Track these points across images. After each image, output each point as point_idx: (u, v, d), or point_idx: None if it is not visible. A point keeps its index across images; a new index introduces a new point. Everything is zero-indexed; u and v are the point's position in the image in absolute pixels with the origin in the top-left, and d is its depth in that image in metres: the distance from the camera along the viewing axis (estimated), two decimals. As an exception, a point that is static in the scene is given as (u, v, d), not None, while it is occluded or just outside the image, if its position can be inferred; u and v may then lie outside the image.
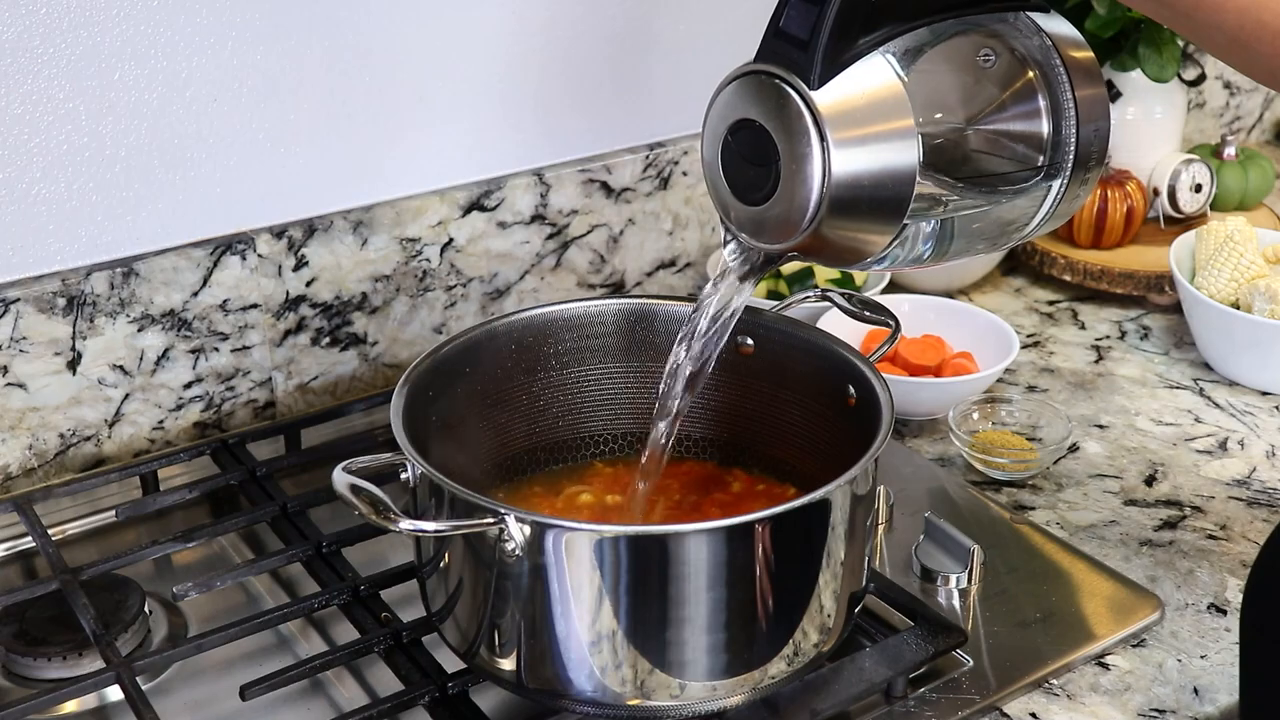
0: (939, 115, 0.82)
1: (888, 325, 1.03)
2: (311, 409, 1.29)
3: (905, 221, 0.82)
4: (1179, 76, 1.57)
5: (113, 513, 1.15)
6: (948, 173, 0.83)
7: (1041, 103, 0.85)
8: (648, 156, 1.42)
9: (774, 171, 0.82)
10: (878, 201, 0.81)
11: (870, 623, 1.02)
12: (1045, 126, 0.85)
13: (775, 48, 0.80)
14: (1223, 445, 1.27)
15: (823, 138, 0.79)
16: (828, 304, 1.07)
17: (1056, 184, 0.87)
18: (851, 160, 0.80)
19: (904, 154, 0.80)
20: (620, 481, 1.06)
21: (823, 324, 1.24)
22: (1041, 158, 0.86)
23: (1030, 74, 0.85)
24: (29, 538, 1.12)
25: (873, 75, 0.80)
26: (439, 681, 0.95)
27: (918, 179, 0.81)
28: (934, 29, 0.82)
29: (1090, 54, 0.87)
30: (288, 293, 1.26)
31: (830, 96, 0.79)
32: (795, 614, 0.88)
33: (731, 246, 0.90)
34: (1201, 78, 1.61)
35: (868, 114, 0.80)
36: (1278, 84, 0.81)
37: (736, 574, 0.84)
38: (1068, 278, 1.53)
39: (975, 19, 0.84)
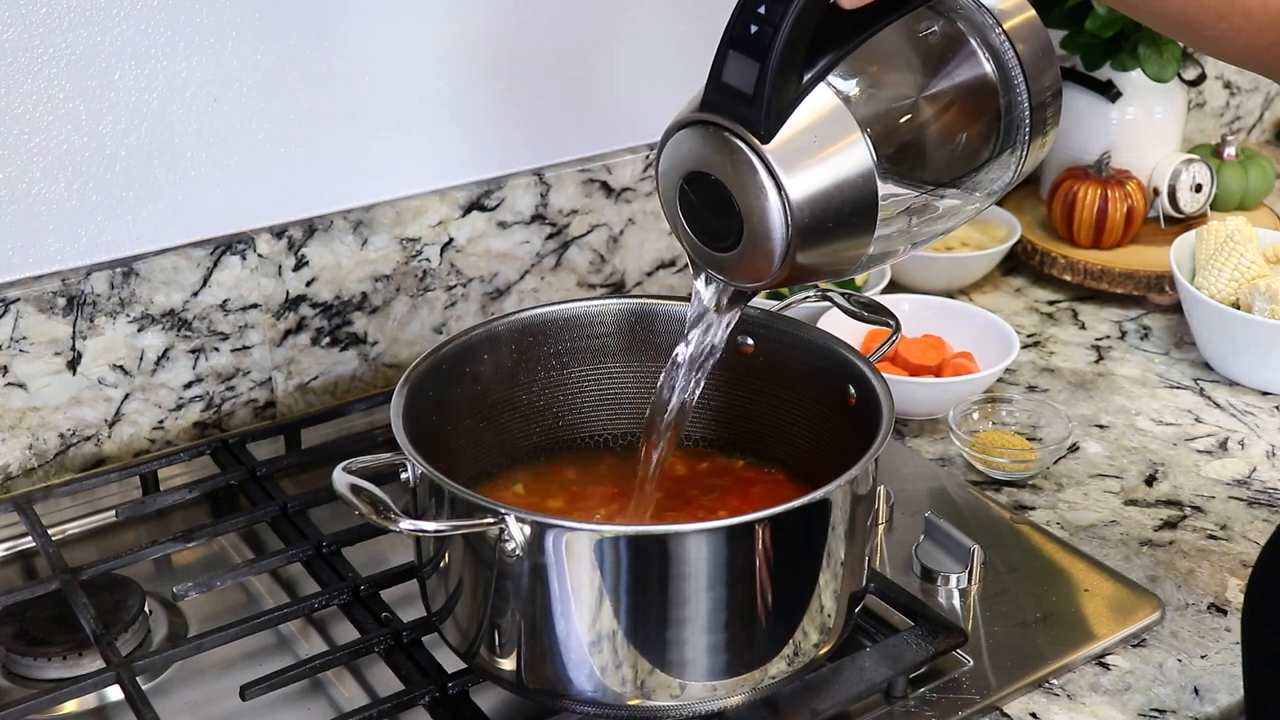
0: (889, 112, 0.82)
1: (888, 325, 1.03)
2: (311, 409, 1.29)
3: (880, 227, 0.82)
4: (1179, 76, 1.57)
5: (113, 513, 1.15)
6: (913, 164, 0.83)
7: (988, 70, 0.85)
8: (648, 156, 1.41)
9: (737, 223, 0.82)
10: (847, 221, 0.81)
11: (870, 623, 1.02)
12: (996, 92, 0.85)
13: (720, 99, 0.80)
14: (1223, 445, 1.27)
15: (780, 188, 0.79)
16: (828, 304, 1.07)
17: (1019, 147, 0.87)
18: (809, 192, 0.79)
19: (857, 165, 0.80)
20: (620, 481, 1.06)
21: (823, 324, 1.24)
22: (999, 125, 0.85)
23: (972, 47, 0.84)
24: (29, 538, 1.12)
25: (815, 104, 0.80)
26: (439, 681, 0.95)
27: (879, 183, 0.81)
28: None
29: (1029, 13, 0.86)
30: (288, 293, 1.26)
31: (779, 141, 0.79)
32: (795, 614, 0.88)
33: (706, 283, 0.90)
34: (1202, 77, 1.61)
35: (817, 144, 0.79)
36: (1227, 59, 0.82)
37: (737, 574, 0.84)
38: (1068, 278, 1.53)
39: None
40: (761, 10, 0.77)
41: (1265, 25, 0.80)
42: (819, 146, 0.79)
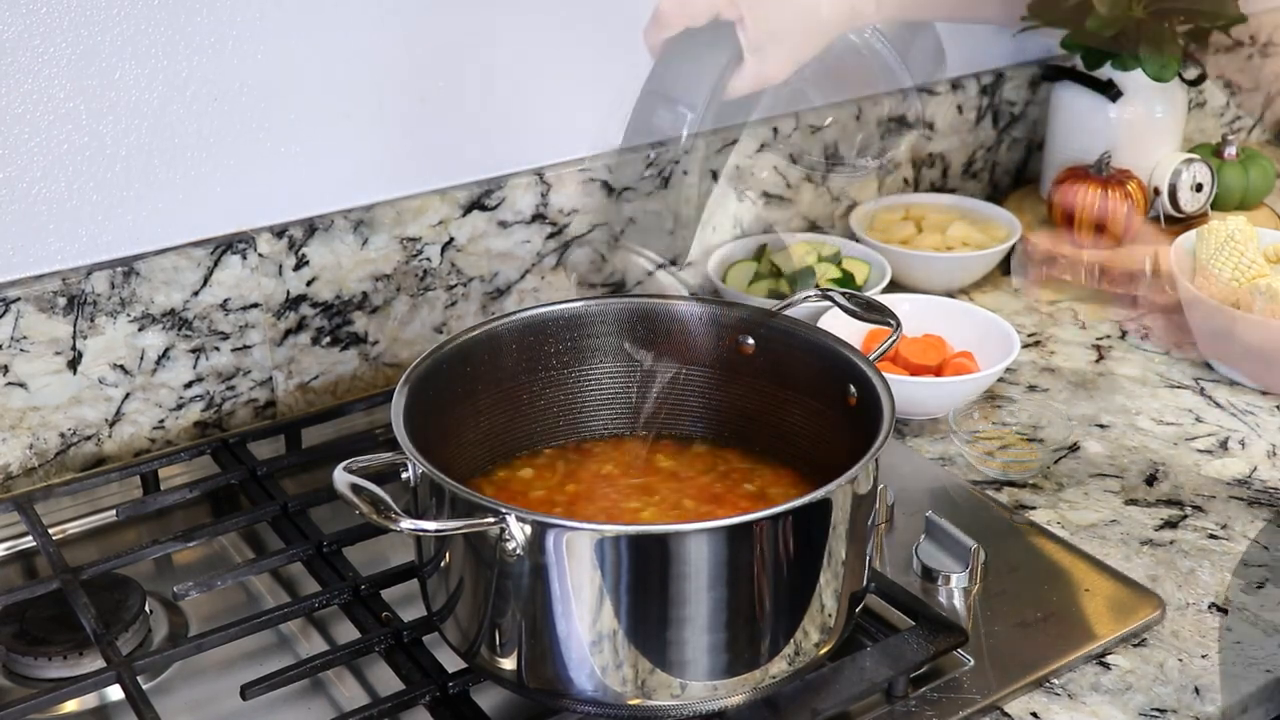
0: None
1: (888, 325, 1.03)
2: (312, 408, 1.29)
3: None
4: (1179, 76, 1.57)
5: (113, 512, 1.15)
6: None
7: (875, 61, 0.85)
8: (649, 156, 1.41)
9: None
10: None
11: (871, 622, 1.02)
12: (886, 78, 0.86)
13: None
14: (1223, 445, 1.27)
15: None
16: (828, 304, 1.07)
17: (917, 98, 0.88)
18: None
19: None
20: (620, 480, 1.06)
21: (823, 324, 1.24)
22: (896, 104, 0.86)
23: (853, 51, 0.84)
24: (29, 537, 1.12)
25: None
26: (440, 681, 0.95)
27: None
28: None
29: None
30: (288, 292, 1.26)
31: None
32: (796, 614, 0.88)
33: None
34: (1202, 77, 1.61)
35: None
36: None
37: (737, 574, 0.84)
38: (1068, 277, 1.52)
39: None
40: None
41: None
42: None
